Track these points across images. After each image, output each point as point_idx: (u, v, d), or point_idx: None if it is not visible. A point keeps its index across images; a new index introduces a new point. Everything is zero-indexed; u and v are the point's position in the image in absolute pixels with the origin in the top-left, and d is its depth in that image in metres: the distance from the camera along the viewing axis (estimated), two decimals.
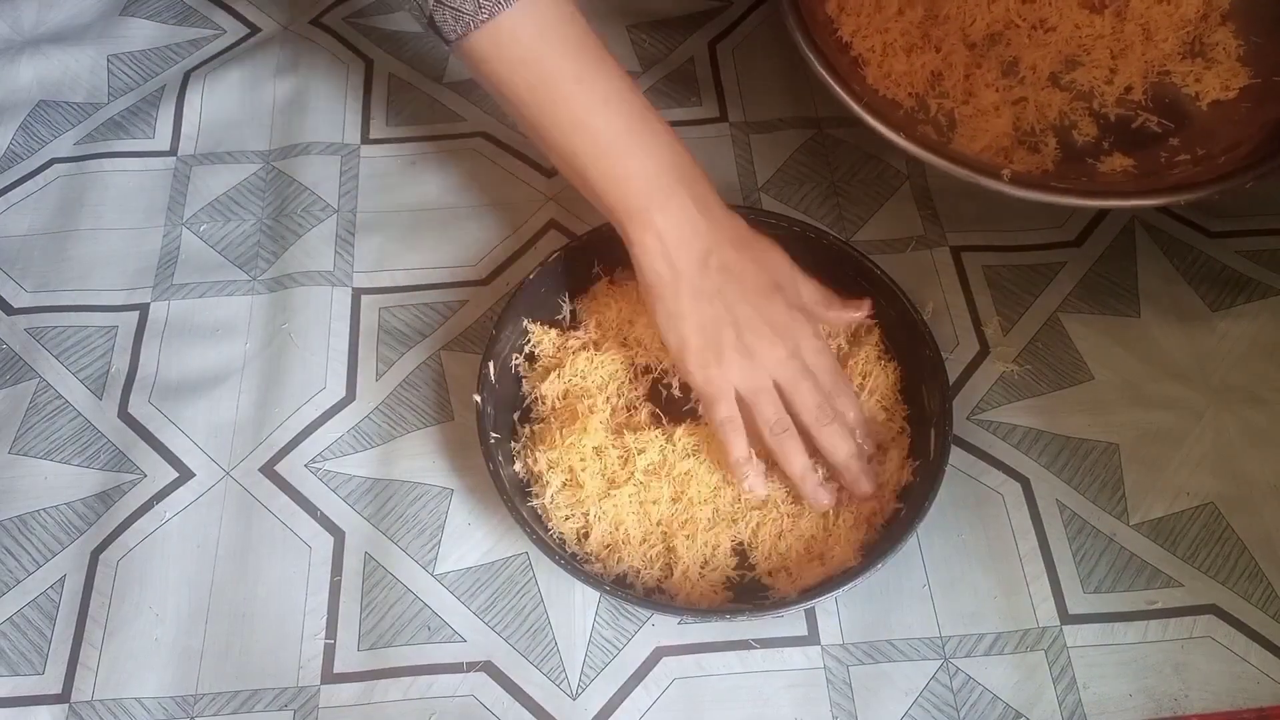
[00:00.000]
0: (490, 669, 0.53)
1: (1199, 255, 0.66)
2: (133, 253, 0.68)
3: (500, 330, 0.59)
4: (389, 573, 0.56)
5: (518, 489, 0.56)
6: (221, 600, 0.55)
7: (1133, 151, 0.63)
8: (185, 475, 0.59)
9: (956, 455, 0.59)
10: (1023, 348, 0.63)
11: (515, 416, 0.59)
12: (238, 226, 0.69)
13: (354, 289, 0.66)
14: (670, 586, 0.54)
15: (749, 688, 0.53)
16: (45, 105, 0.75)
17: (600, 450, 0.56)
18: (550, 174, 0.70)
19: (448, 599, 0.55)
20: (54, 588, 0.56)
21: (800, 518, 0.55)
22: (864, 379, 0.58)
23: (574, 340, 0.60)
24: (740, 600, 0.54)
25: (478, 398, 0.56)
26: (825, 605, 0.55)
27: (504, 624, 0.55)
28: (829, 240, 0.61)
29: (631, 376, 0.60)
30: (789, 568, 0.54)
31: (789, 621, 0.54)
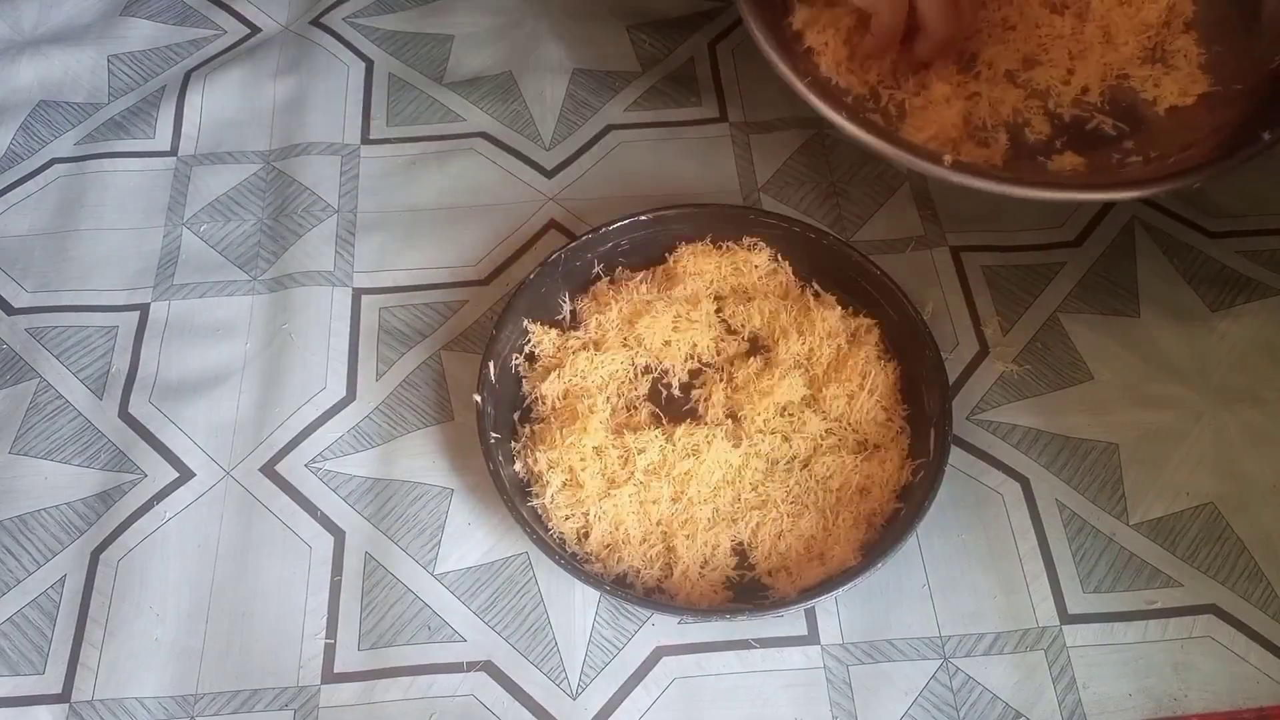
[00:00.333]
0: (490, 669, 0.54)
1: (1199, 255, 0.66)
2: (133, 253, 0.68)
3: (500, 330, 0.59)
4: (389, 572, 0.56)
5: (518, 489, 0.56)
6: (222, 600, 0.55)
7: (1085, 151, 0.62)
8: (185, 475, 0.59)
9: (956, 455, 0.59)
10: (1022, 348, 0.63)
11: (515, 416, 0.60)
12: (238, 226, 0.69)
13: (354, 289, 0.66)
14: (670, 586, 0.54)
15: (749, 687, 0.53)
16: (45, 105, 0.75)
17: (600, 450, 0.56)
18: (550, 174, 0.70)
19: (448, 599, 0.55)
20: (54, 588, 0.56)
21: (800, 517, 0.55)
22: (864, 379, 0.58)
23: (574, 340, 0.60)
24: (740, 600, 0.54)
25: (478, 398, 0.56)
26: (825, 605, 0.55)
27: (504, 624, 0.55)
28: (829, 240, 0.61)
29: (631, 376, 0.60)
30: (789, 567, 0.54)
31: (789, 621, 0.54)
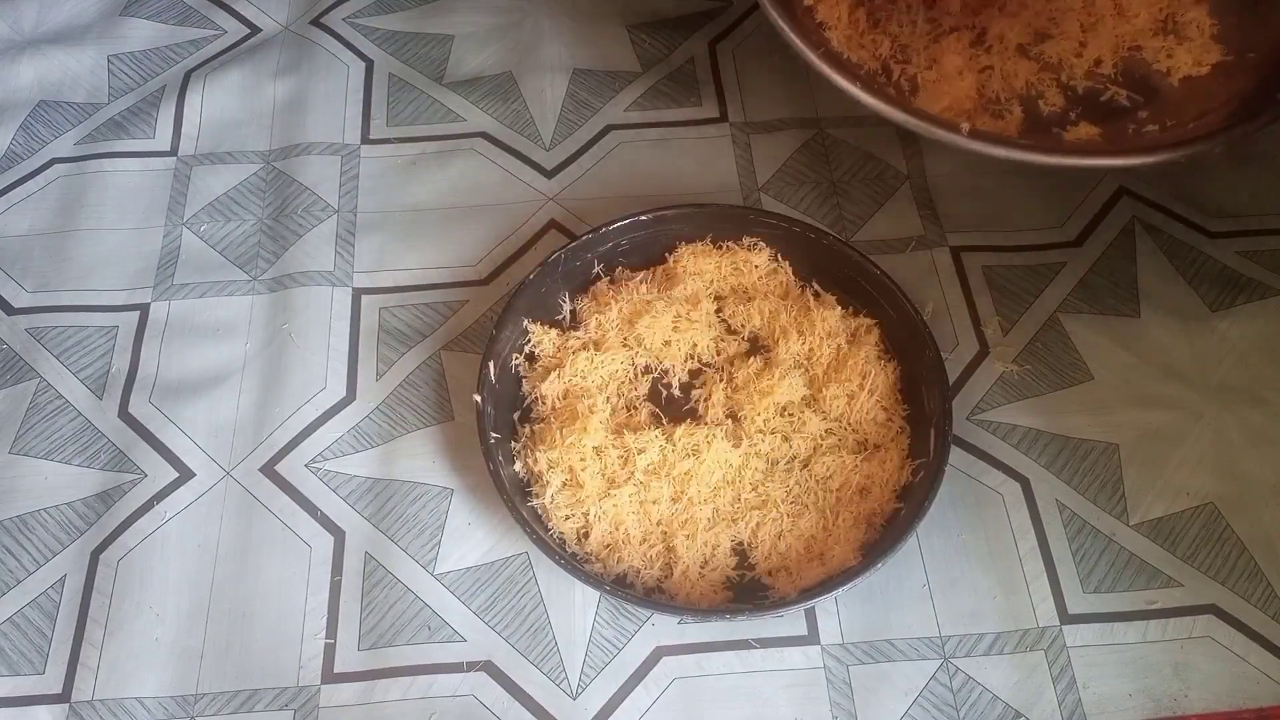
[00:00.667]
0: (490, 669, 0.54)
1: (1199, 255, 0.66)
2: (133, 253, 0.68)
3: (500, 330, 0.59)
4: (389, 572, 0.56)
5: (518, 489, 0.56)
6: (222, 600, 0.55)
7: (1100, 122, 0.63)
8: (185, 475, 0.59)
9: (956, 455, 0.59)
10: (1022, 348, 0.63)
11: (515, 416, 0.60)
12: (238, 226, 0.69)
13: (354, 289, 0.66)
14: (670, 586, 0.54)
15: (749, 687, 0.53)
16: (46, 105, 0.75)
17: (600, 450, 0.56)
18: (550, 174, 0.70)
19: (448, 599, 0.55)
20: (54, 588, 0.56)
21: (800, 517, 0.55)
22: (864, 379, 0.58)
23: (574, 340, 0.60)
24: (740, 600, 0.54)
25: (478, 397, 0.56)
26: (825, 605, 0.55)
27: (504, 624, 0.55)
28: (829, 240, 0.61)
29: (631, 376, 0.60)
30: (789, 567, 0.54)
31: (789, 621, 0.54)
